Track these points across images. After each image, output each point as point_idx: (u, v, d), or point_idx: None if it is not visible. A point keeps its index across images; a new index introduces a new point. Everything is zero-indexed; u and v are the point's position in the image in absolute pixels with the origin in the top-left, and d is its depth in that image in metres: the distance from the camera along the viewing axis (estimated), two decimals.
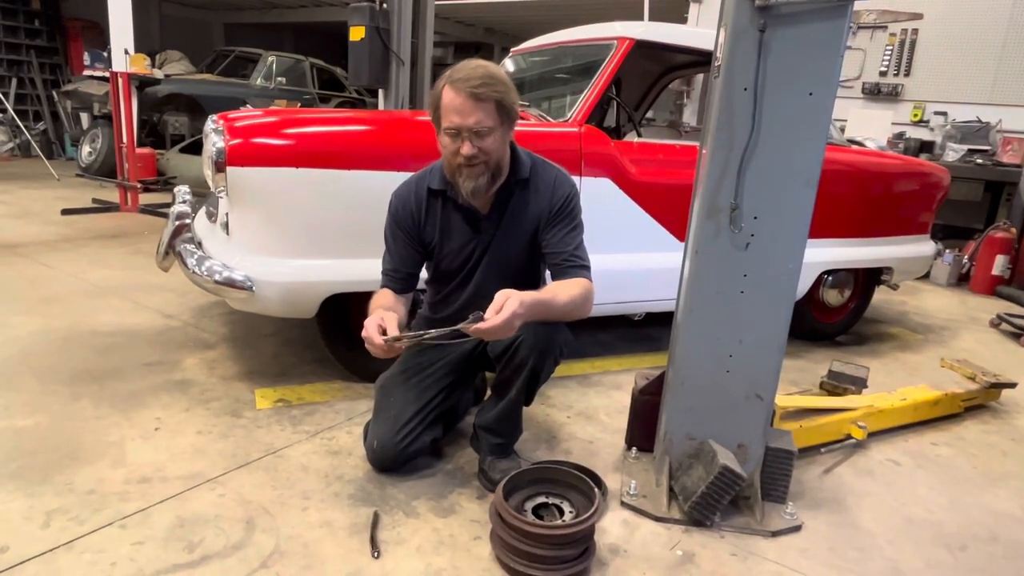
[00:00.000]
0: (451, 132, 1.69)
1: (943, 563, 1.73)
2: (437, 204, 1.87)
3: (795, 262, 1.72)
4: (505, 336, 1.61)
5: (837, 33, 1.58)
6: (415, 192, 1.88)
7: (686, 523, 1.79)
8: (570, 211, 1.86)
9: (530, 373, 1.80)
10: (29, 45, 9.47)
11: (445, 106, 1.68)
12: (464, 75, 1.66)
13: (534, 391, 1.91)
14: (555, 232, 1.84)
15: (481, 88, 1.64)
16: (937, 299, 4.89)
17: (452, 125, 1.68)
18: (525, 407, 1.95)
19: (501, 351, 1.81)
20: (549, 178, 1.88)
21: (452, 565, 1.56)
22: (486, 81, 1.65)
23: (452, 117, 1.67)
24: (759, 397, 1.79)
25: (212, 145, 2.13)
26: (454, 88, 1.66)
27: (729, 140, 1.65)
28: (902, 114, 6.10)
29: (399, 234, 1.89)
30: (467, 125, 1.66)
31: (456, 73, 1.68)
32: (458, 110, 1.66)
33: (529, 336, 1.75)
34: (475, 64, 1.70)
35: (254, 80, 8.41)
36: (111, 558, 1.49)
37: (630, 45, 2.73)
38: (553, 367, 1.86)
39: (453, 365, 2.00)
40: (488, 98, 1.65)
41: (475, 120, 1.65)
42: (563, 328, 1.81)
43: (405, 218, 1.88)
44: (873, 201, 3.34)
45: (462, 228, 1.88)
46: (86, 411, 2.16)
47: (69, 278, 3.60)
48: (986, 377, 2.73)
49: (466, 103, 1.65)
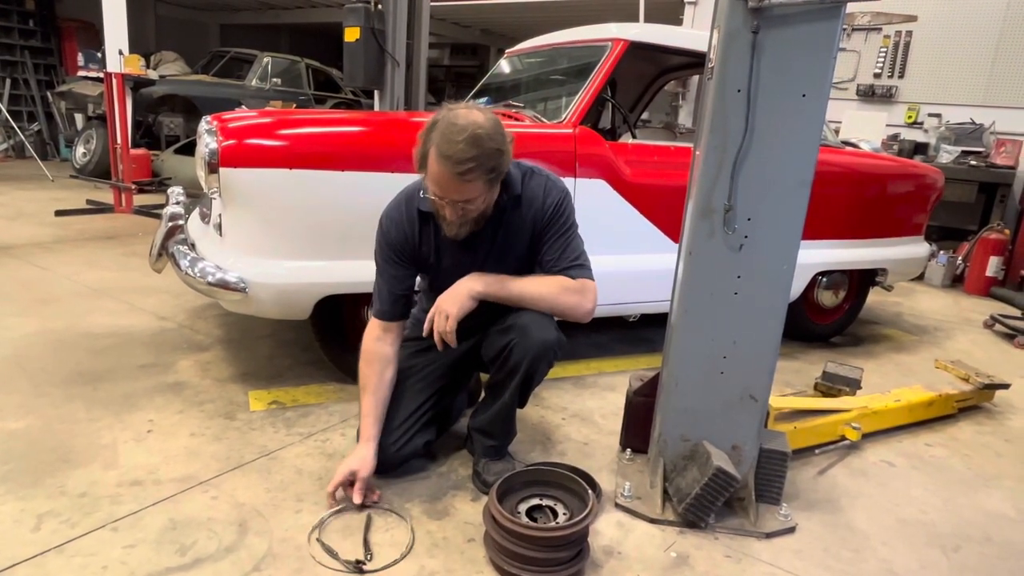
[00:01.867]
0: (436, 194, 1.66)
1: (937, 564, 1.74)
2: (429, 226, 1.83)
3: (789, 263, 1.72)
4: (459, 306, 1.67)
5: (830, 35, 1.58)
6: (406, 214, 1.83)
7: (680, 524, 1.79)
8: (563, 217, 1.83)
9: (524, 376, 1.79)
10: (23, 46, 9.43)
11: (431, 171, 1.62)
12: (452, 152, 1.55)
13: (528, 394, 1.91)
14: (552, 244, 1.82)
15: (468, 173, 1.57)
16: (931, 300, 4.91)
17: (436, 195, 1.66)
18: (519, 409, 1.95)
19: (495, 354, 1.80)
20: (539, 187, 1.83)
21: (446, 568, 1.56)
22: (474, 161, 1.57)
23: (436, 188, 1.64)
24: (753, 398, 1.79)
25: (205, 146, 2.13)
26: (441, 162, 1.58)
27: (723, 141, 1.65)
28: (896, 116, 6.12)
29: (392, 257, 1.85)
30: (451, 199, 1.64)
31: (445, 144, 1.57)
32: (443, 185, 1.62)
33: (521, 338, 1.74)
34: (465, 134, 1.56)
35: (249, 81, 8.39)
36: (102, 561, 1.49)
37: (625, 47, 2.73)
38: (547, 370, 1.85)
39: (447, 368, 1.99)
40: (475, 180, 1.60)
41: (460, 196, 1.63)
42: (556, 330, 1.81)
43: (399, 240, 1.83)
44: (867, 202, 3.35)
45: (456, 248, 1.84)
46: (79, 413, 2.15)
47: (63, 279, 3.58)
48: (980, 378, 2.74)
49: (452, 182, 1.59)
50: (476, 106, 1.68)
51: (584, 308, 1.79)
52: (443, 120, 1.61)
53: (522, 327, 1.76)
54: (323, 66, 9.46)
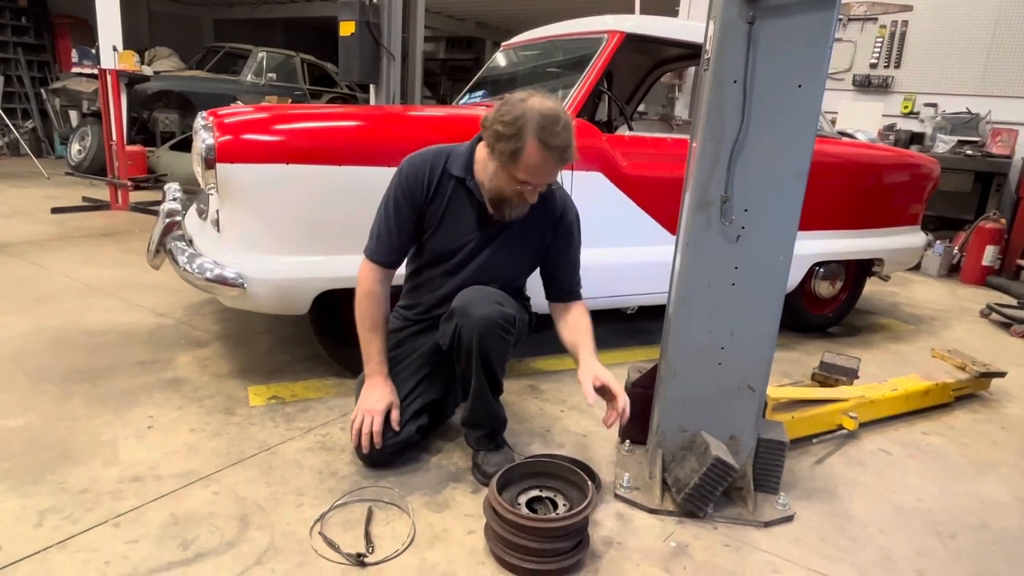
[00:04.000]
0: (528, 182, 1.73)
1: (933, 551, 1.75)
2: (449, 186, 1.87)
3: (786, 254, 1.73)
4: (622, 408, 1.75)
5: (825, 25, 1.58)
6: (431, 166, 1.87)
7: (679, 515, 1.80)
8: (576, 236, 2.01)
9: (479, 356, 1.79)
10: (16, 43, 9.39)
11: (528, 159, 1.68)
12: (558, 142, 1.66)
13: (495, 375, 1.86)
14: (565, 260, 1.99)
15: (569, 156, 1.70)
16: (928, 290, 4.92)
17: (530, 181, 1.72)
18: (499, 395, 1.92)
19: (448, 342, 1.84)
20: (562, 201, 1.97)
21: (446, 559, 1.57)
22: (571, 142, 1.69)
23: (534, 175, 1.71)
24: (751, 388, 1.80)
25: (202, 142, 2.12)
26: (546, 151, 1.67)
27: (719, 133, 1.65)
28: (892, 106, 6.11)
29: (402, 204, 1.86)
30: (544, 182, 1.74)
31: (548, 136, 1.65)
32: (544, 172, 1.72)
33: (464, 320, 1.76)
34: (562, 123, 1.67)
35: (244, 76, 8.37)
36: (105, 557, 1.49)
37: (621, 39, 2.73)
38: (503, 346, 1.81)
39: (427, 356, 2.00)
40: (570, 162, 1.73)
41: (552, 178, 1.75)
42: (499, 304, 1.78)
43: (415, 187, 1.86)
44: (864, 193, 3.36)
45: (468, 218, 1.89)
46: (78, 410, 2.15)
47: (60, 277, 3.58)
48: (976, 367, 2.75)
49: (554, 168, 1.72)
50: (536, 92, 1.74)
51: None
52: (531, 112, 1.66)
53: (462, 308, 1.78)
54: (318, 61, 9.43)
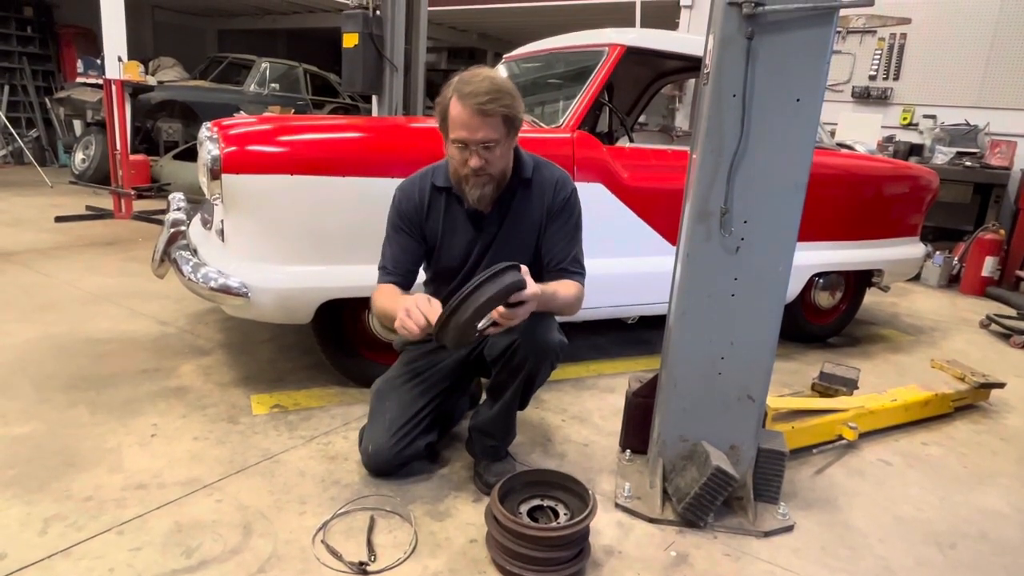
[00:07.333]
0: (459, 145, 1.73)
1: (933, 561, 1.76)
2: (441, 200, 1.90)
3: (785, 265, 1.75)
4: (518, 322, 1.62)
5: (823, 40, 1.61)
6: (419, 187, 1.91)
7: (680, 524, 1.81)
8: (572, 212, 1.92)
9: (526, 376, 1.81)
10: (22, 52, 9.44)
11: (453, 119, 1.71)
12: (471, 89, 1.67)
13: (529, 395, 1.92)
14: (556, 237, 1.90)
15: (489, 104, 1.66)
16: (927, 301, 4.94)
17: (460, 139, 1.71)
18: (520, 411, 1.97)
19: (498, 354, 1.82)
20: (552, 178, 1.92)
21: (448, 568, 1.58)
22: (493, 96, 1.67)
23: (460, 131, 1.70)
24: (751, 399, 1.81)
25: (207, 153, 2.14)
26: (462, 102, 1.68)
27: (719, 145, 1.67)
28: (891, 117, 6.15)
29: (402, 226, 1.91)
30: (475, 140, 1.70)
31: (464, 86, 1.69)
32: (465, 125, 1.69)
33: (526, 339, 1.76)
34: (482, 76, 1.70)
35: (248, 86, 8.41)
36: (109, 564, 1.50)
37: (621, 52, 2.76)
38: (549, 372, 1.87)
39: (449, 371, 2.01)
40: (495, 113, 1.68)
41: (482, 135, 1.70)
42: (559, 332, 1.84)
43: (409, 210, 1.90)
44: (863, 204, 3.38)
45: (465, 226, 1.91)
46: (82, 418, 2.17)
47: (64, 285, 3.60)
48: (976, 377, 2.76)
49: (473, 118, 1.68)
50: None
51: (574, 313, 1.88)
52: (457, 75, 1.72)
53: (527, 328, 1.77)
54: (321, 71, 9.48)
